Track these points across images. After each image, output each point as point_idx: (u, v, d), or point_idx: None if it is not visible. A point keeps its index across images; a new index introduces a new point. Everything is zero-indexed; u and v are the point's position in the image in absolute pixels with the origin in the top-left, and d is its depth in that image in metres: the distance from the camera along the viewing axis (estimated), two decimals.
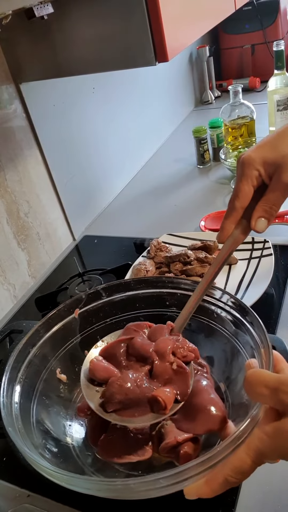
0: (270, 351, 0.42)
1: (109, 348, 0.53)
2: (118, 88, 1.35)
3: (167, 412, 0.46)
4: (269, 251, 0.89)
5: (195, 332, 0.59)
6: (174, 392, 0.47)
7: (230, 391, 0.53)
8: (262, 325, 0.48)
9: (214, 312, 0.57)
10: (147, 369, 0.50)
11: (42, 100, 1.03)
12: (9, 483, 0.62)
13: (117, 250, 1.11)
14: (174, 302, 0.61)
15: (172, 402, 0.47)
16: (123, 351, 0.52)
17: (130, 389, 0.47)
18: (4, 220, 0.96)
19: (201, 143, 1.36)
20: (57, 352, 0.59)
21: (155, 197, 1.33)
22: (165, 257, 0.92)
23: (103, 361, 0.52)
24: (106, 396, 0.48)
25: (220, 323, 0.56)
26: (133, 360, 0.51)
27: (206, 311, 0.57)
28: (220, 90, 2.02)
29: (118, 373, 0.50)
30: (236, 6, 1.16)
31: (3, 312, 0.98)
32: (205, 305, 0.57)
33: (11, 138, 0.97)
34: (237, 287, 0.85)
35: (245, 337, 0.51)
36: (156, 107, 1.62)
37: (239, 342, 0.53)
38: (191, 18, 0.89)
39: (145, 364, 0.50)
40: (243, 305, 0.52)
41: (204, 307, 0.57)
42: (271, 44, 1.62)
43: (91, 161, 1.25)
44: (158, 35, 0.75)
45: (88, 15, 0.79)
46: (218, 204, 1.19)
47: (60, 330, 0.59)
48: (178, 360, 0.49)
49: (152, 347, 0.50)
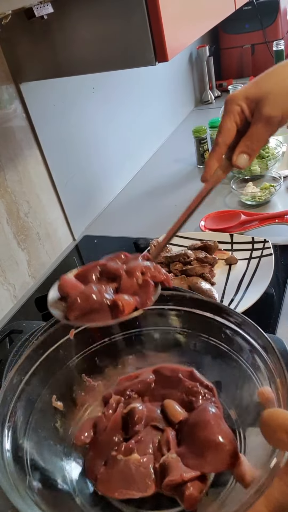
0: (287, 381, 0.38)
1: (83, 271, 0.52)
2: (118, 88, 1.35)
3: (125, 315, 0.46)
4: (269, 251, 0.89)
5: (201, 353, 0.56)
6: (135, 300, 0.47)
7: (241, 420, 0.48)
8: (276, 352, 0.43)
9: (222, 332, 0.52)
10: (115, 286, 0.49)
11: (42, 100, 1.03)
12: None
13: (117, 250, 1.10)
14: (177, 319, 0.58)
15: (132, 308, 0.47)
16: (96, 274, 0.51)
17: (91, 296, 0.47)
18: (4, 220, 0.96)
19: (201, 143, 1.36)
20: (51, 377, 0.54)
21: (155, 197, 1.33)
22: (165, 257, 0.92)
23: (73, 279, 0.51)
24: (69, 302, 0.47)
25: (229, 345, 0.52)
26: (104, 280, 0.51)
27: (213, 330, 0.53)
28: (220, 90, 2.02)
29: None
30: (236, 6, 1.16)
31: (3, 312, 0.98)
32: (213, 323, 0.53)
33: (11, 138, 0.96)
34: (237, 287, 0.85)
35: (257, 363, 0.46)
36: (156, 107, 1.62)
37: (251, 367, 0.48)
38: (191, 18, 0.89)
39: (113, 282, 0.50)
40: (255, 327, 0.48)
41: (212, 325, 0.53)
42: (271, 44, 1.62)
43: (91, 161, 1.25)
44: (158, 35, 0.75)
45: (88, 15, 0.79)
46: (218, 204, 1.19)
47: (53, 353, 0.54)
48: (145, 277, 0.49)
49: (124, 268, 0.50)
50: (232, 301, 0.81)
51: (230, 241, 0.96)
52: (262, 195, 1.11)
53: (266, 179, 1.19)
